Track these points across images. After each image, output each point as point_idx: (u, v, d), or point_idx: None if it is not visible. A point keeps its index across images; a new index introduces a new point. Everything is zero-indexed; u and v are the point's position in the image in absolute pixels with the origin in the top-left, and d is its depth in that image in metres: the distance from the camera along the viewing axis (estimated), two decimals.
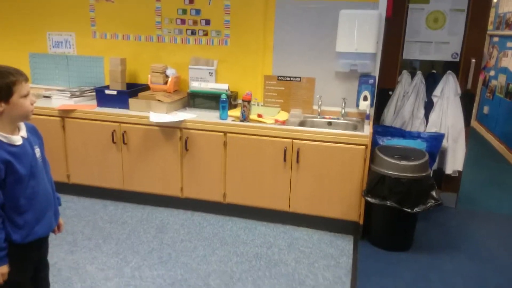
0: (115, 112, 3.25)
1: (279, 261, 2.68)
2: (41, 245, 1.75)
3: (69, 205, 3.38)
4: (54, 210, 1.78)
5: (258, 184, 3.06)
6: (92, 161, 3.37)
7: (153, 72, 3.45)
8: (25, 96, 1.56)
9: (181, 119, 3.08)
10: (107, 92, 3.36)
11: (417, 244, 2.90)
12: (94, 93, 3.47)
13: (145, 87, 3.52)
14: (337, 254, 2.77)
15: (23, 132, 1.63)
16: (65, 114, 3.31)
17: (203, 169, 3.15)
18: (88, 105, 3.38)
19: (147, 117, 3.12)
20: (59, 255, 2.68)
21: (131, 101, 3.30)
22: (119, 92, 3.36)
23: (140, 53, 3.63)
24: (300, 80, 3.30)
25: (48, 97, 3.52)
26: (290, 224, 3.12)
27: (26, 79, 1.57)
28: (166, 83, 3.42)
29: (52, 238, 1.98)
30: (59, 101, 3.40)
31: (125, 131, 3.21)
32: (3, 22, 3.88)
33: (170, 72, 3.46)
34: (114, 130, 3.22)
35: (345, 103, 3.19)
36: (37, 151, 1.68)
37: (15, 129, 1.59)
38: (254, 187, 3.08)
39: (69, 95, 3.43)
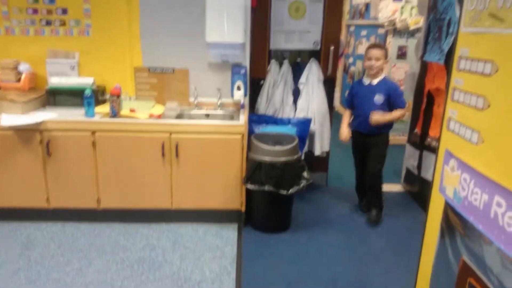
0: None
1: (164, 262, 2.59)
2: None
3: None
4: None
5: (136, 184, 2.90)
6: None
7: (2, 69, 3.01)
8: None
9: (39, 120, 2.75)
10: None
11: (295, 223, 3.09)
12: None
13: None
14: (222, 245, 2.79)
15: None
16: None
17: (71, 174, 2.87)
18: None
19: None
20: None
21: None
22: None
23: None
24: (173, 72, 3.21)
25: None
26: (175, 221, 3.04)
27: None
28: (19, 80, 3.02)
29: None
30: None
31: None
32: None
33: (23, 67, 3.05)
34: None
35: (220, 94, 3.20)
36: None
37: None
38: (132, 188, 2.91)
39: None
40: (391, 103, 2.98)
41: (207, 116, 3.20)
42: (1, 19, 3.10)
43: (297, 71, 3.49)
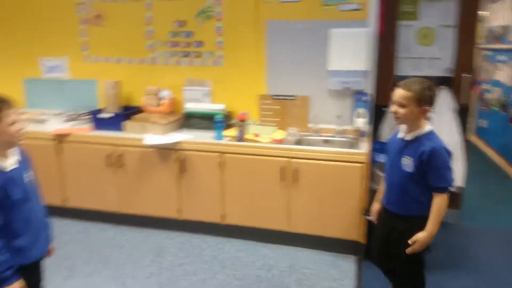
0: (110, 135, 3.24)
1: (280, 284, 2.62)
2: (36, 268, 1.78)
3: (65, 229, 3.32)
4: (47, 234, 1.81)
5: (256, 204, 3.03)
6: (88, 185, 3.34)
7: (147, 94, 3.45)
8: (11, 123, 1.58)
9: (176, 140, 3.07)
10: (102, 115, 3.36)
11: None
12: (89, 117, 3.46)
13: (139, 110, 3.51)
14: (339, 276, 2.71)
15: (15, 157, 1.67)
16: (60, 138, 3.29)
17: (201, 190, 3.12)
18: (83, 129, 3.37)
19: (143, 140, 3.11)
20: (56, 281, 2.62)
21: (126, 123, 3.29)
22: (114, 115, 3.36)
23: (134, 76, 3.64)
24: (294, 99, 3.31)
25: (43, 121, 3.51)
26: (291, 244, 3.07)
27: (10, 106, 1.58)
28: (160, 105, 3.42)
29: (49, 264, 1.95)
30: (54, 126, 3.39)
31: (120, 154, 3.19)
32: None
33: (164, 93, 3.47)
34: (110, 153, 3.20)
35: (340, 121, 3.19)
36: (29, 175, 1.73)
37: (5, 155, 1.62)
38: (253, 207, 3.04)
39: (64, 119, 3.44)
40: (425, 176, 1.90)
41: (326, 142, 3.20)
42: (147, 51, 3.58)
43: None
